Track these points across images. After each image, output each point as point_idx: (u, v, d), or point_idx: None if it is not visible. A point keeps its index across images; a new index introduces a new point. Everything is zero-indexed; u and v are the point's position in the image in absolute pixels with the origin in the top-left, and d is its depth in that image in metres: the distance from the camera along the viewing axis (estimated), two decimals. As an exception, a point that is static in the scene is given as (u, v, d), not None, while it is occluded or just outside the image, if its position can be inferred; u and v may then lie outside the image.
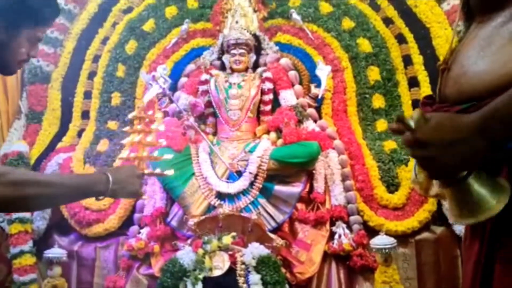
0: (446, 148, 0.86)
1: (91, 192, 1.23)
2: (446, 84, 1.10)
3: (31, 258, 3.27)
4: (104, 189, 1.22)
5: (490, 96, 0.91)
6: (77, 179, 1.24)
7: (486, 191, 0.87)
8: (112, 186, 1.22)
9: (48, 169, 3.49)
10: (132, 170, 1.32)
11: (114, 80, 3.89)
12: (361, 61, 3.62)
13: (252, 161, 3.17)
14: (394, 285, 2.31)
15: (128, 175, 1.28)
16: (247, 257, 2.63)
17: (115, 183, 1.23)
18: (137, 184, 1.30)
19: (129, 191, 1.29)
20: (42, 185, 1.10)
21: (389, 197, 3.13)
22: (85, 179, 1.24)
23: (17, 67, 1.25)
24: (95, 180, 1.23)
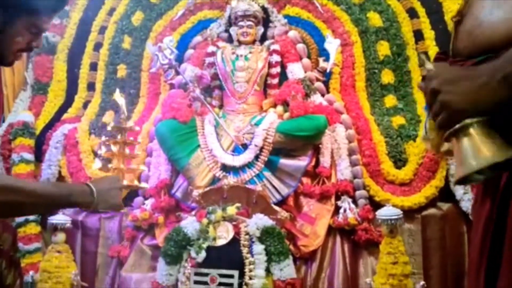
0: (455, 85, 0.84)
1: (73, 203, 1.19)
2: (460, 38, 1.05)
3: (35, 227, 3.29)
4: (88, 200, 1.17)
5: (506, 47, 0.87)
6: (59, 189, 1.17)
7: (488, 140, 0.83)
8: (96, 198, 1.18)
9: (54, 139, 3.49)
10: (114, 182, 1.26)
11: (120, 52, 3.86)
12: (371, 36, 3.55)
13: (258, 134, 3.14)
14: (399, 256, 2.29)
15: (110, 187, 1.23)
16: (251, 228, 2.62)
17: (99, 195, 1.18)
18: (117, 197, 1.25)
19: (111, 204, 1.24)
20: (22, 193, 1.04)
21: (396, 173, 3.09)
22: (68, 189, 1.18)
23: (14, 57, 1.16)
24: (78, 190, 1.18)
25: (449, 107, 0.84)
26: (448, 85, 0.85)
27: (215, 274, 2.50)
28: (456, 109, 0.84)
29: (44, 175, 3.41)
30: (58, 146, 3.47)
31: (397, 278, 2.25)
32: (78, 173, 3.38)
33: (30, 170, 3.42)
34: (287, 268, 2.55)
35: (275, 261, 2.55)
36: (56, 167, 3.44)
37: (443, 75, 0.89)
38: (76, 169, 3.39)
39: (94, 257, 3.27)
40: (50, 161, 3.43)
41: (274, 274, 2.55)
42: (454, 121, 0.85)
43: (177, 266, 2.62)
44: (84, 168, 3.39)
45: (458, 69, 0.94)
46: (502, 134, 0.87)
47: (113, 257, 3.19)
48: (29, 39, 1.15)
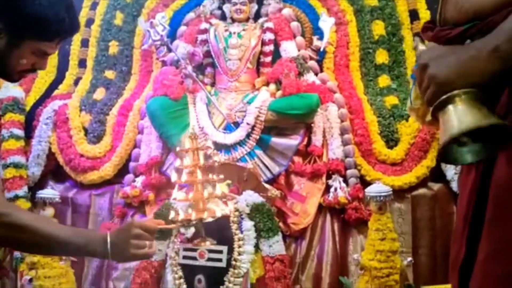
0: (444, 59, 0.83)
1: (85, 252, 1.18)
2: (447, 6, 1.04)
3: (25, 203, 3.27)
4: (100, 250, 1.14)
5: (493, 13, 0.86)
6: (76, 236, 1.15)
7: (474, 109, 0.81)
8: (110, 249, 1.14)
9: (44, 115, 3.45)
10: (126, 230, 1.18)
11: (112, 28, 3.80)
12: (366, 15, 3.51)
13: (250, 112, 3.12)
14: (387, 232, 2.29)
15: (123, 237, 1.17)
16: (241, 204, 2.61)
17: (113, 246, 1.14)
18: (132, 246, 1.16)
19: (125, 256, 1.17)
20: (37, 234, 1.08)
21: (388, 152, 3.08)
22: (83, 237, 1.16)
23: (19, 77, 1.17)
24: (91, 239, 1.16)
25: (437, 80, 0.83)
26: (436, 59, 0.85)
27: (204, 249, 2.49)
28: (443, 82, 0.83)
29: (34, 151, 3.38)
30: (48, 122, 3.43)
31: (385, 254, 2.26)
32: (68, 149, 3.35)
33: (20, 146, 3.39)
34: (276, 245, 2.56)
35: (264, 238, 2.55)
36: (46, 143, 3.41)
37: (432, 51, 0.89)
38: (66, 146, 3.36)
39: (84, 234, 3.26)
40: (40, 137, 3.40)
41: (263, 250, 2.56)
42: (441, 94, 0.84)
43: (166, 241, 2.62)
44: (75, 144, 3.36)
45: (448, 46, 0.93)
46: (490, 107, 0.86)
47: (104, 233, 3.18)
48: (33, 61, 1.14)
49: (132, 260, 1.27)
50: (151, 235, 1.20)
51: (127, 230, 1.18)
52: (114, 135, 3.38)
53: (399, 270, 2.28)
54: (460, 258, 1.00)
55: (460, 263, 1.00)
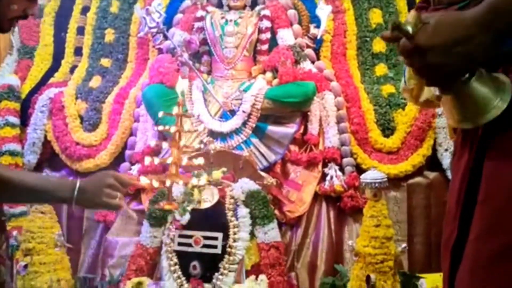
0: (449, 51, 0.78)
1: (55, 197, 1.18)
2: None
3: (21, 191, 3.27)
4: (69, 195, 1.15)
5: None
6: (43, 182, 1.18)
7: (489, 90, 0.80)
8: (77, 194, 1.15)
9: (39, 103, 3.43)
10: (100, 179, 1.20)
11: (107, 16, 3.77)
12: (363, 3, 3.49)
13: (246, 100, 3.11)
14: (382, 219, 2.29)
15: (96, 185, 1.18)
16: (236, 191, 2.61)
17: (81, 191, 1.15)
18: (103, 195, 1.18)
19: (97, 203, 1.19)
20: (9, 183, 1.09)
21: (384, 141, 3.08)
22: (52, 183, 1.19)
23: (10, 24, 1.16)
24: (61, 185, 1.18)
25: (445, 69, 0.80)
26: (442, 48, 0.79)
27: (199, 236, 2.50)
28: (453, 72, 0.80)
29: (30, 139, 3.37)
30: (44, 110, 3.42)
31: (379, 241, 2.26)
32: (64, 137, 3.34)
33: (16, 134, 3.38)
34: (271, 231, 2.56)
35: (259, 224, 2.56)
36: (42, 131, 3.40)
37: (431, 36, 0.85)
38: (62, 133, 3.35)
39: (80, 222, 3.26)
40: (35, 125, 3.38)
41: (258, 237, 2.56)
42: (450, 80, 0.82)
43: (162, 228, 2.62)
44: (70, 132, 3.35)
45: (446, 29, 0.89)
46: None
47: (99, 221, 3.18)
48: (24, 6, 1.13)
49: (101, 207, 1.27)
50: (124, 187, 1.22)
51: (101, 179, 1.20)
52: (110, 123, 3.37)
53: (393, 257, 2.28)
54: (452, 240, 1.00)
55: (452, 245, 1.00)
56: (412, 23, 0.80)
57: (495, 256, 0.86)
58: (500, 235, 0.86)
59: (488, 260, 0.87)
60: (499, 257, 0.86)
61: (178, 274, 2.47)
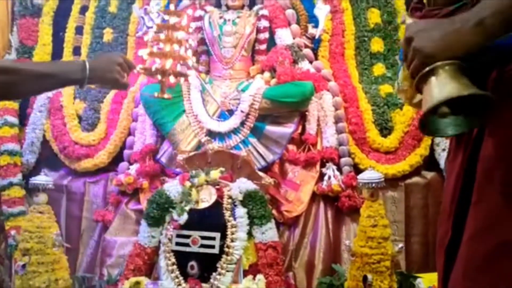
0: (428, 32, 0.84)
1: (67, 80, 1.21)
2: None
3: (20, 191, 3.28)
4: (81, 76, 1.19)
5: None
6: (52, 66, 1.22)
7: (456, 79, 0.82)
8: (89, 73, 1.19)
9: (38, 103, 3.45)
10: (111, 57, 1.27)
11: (106, 16, 3.77)
12: (361, 3, 3.49)
13: (244, 100, 3.11)
14: (378, 219, 2.30)
15: (107, 63, 1.24)
16: (234, 191, 2.61)
17: (92, 70, 1.20)
18: (115, 71, 1.24)
19: (108, 79, 1.25)
20: (8, 72, 1.09)
21: (381, 141, 3.08)
22: (61, 66, 1.23)
23: None
24: (71, 67, 1.22)
25: (421, 52, 0.84)
26: (421, 32, 0.85)
27: (197, 236, 2.50)
28: (427, 54, 0.84)
29: (28, 139, 3.38)
30: (43, 110, 3.43)
31: (376, 241, 2.26)
32: (63, 137, 3.35)
33: (14, 133, 3.38)
34: (269, 231, 2.56)
35: (257, 224, 2.56)
36: (41, 131, 3.41)
37: (417, 25, 0.90)
38: (60, 133, 3.36)
39: (78, 221, 3.28)
40: (34, 125, 3.39)
41: (255, 237, 2.56)
42: (425, 66, 0.85)
43: (160, 228, 2.62)
44: (69, 132, 3.36)
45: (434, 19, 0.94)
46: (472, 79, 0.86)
47: (98, 221, 3.19)
48: None
49: (111, 84, 1.30)
50: (130, 69, 1.31)
51: (111, 57, 1.27)
52: (108, 123, 3.38)
53: (390, 257, 2.29)
54: (447, 240, 1.01)
55: (446, 245, 1.01)
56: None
57: (488, 257, 0.88)
58: (492, 236, 0.88)
59: (481, 260, 0.89)
60: (492, 257, 0.87)
61: (176, 274, 2.48)
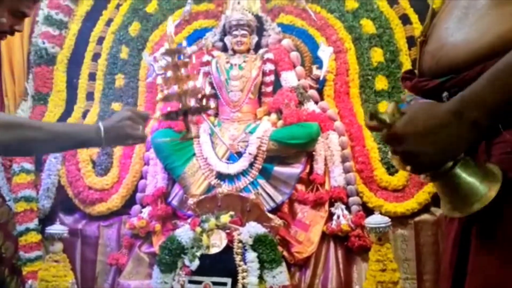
0: (423, 138, 0.82)
1: (82, 141, 1.25)
2: (425, 58, 1.08)
3: (36, 236, 3.36)
4: (96, 137, 1.22)
5: (468, 68, 0.90)
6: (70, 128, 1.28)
7: (476, 180, 0.82)
8: (104, 135, 1.22)
9: (53, 149, 3.55)
10: (120, 114, 1.28)
11: (117, 62, 3.91)
12: (364, 42, 3.58)
13: (252, 142, 3.18)
14: (387, 263, 2.32)
15: (117, 121, 1.26)
16: (244, 236, 2.66)
17: (107, 131, 1.23)
18: (126, 126, 1.25)
19: (123, 136, 1.26)
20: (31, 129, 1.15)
21: (389, 179, 3.12)
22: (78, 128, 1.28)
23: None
24: (87, 129, 1.26)
25: (422, 158, 0.83)
26: (416, 137, 0.83)
27: (209, 281, 2.54)
28: (430, 160, 0.83)
29: (44, 184, 3.48)
30: (58, 156, 3.53)
31: (386, 285, 2.28)
32: (77, 182, 3.45)
33: (31, 180, 3.49)
34: (279, 275, 2.59)
35: (267, 269, 2.59)
36: (56, 177, 3.51)
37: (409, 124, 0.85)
38: (75, 178, 3.46)
39: (93, 265, 3.33)
40: (49, 171, 3.50)
41: (267, 281, 2.59)
42: (429, 169, 0.85)
43: (172, 274, 2.67)
44: (83, 177, 3.46)
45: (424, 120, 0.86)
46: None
47: (112, 264, 3.24)
48: (12, 22, 1.20)
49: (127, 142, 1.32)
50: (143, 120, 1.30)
51: (120, 114, 1.27)
52: (121, 167, 3.47)
53: (400, 301, 2.30)
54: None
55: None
56: (390, 113, 0.84)
57: None
58: None
59: None
60: None
61: (189, 320, 2.51)
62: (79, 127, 1.30)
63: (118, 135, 1.25)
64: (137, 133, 1.28)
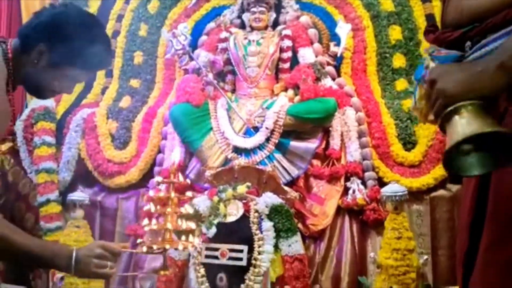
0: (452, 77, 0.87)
1: (53, 265, 1.20)
2: (448, 10, 1.10)
3: (57, 207, 3.43)
4: (65, 264, 1.17)
5: (491, 15, 0.92)
6: (44, 250, 1.18)
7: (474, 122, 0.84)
8: (74, 264, 1.16)
9: (73, 123, 3.62)
10: (90, 249, 1.20)
11: (136, 39, 3.96)
12: (382, 20, 3.57)
13: (269, 117, 3.21)
14: (403, 231, 2.34)
15: (85, 255, 1.18)
16: (261, 206, 2.70)
17: (77, 261, 1.16)
18: (91, 265, 1.18)
19: (86, 273, 1.19)
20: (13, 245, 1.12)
21: (405, 155, 3.12)
22: (52, 249, 1.19)
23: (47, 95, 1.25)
24: (60, 252, 1.18)
25: (445, 93, 0.87)
26: (444, 74, 0.89)
27: (225, 248, 2.59)
28: (451, 95, 0.86)
29: (65, 157, 3.55)
30: (78, 130, 3.60)
31: (401, 253, 2.30)
32: (96, 155, 3.51)
33: (52, 153, 3.56)
34: (295, 244, 2.63)
35: (283, 238, 2.63)
36: (76, 150, 3.58)
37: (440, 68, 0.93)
38: (94, 152, 3.53)
39: (112, 236, 3.40)
40: (70, 144, 3.57)
41: (282, 250, 2.63)
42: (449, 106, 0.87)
43: (189, 241, 2.71)
44: (102, 150, 3.52)
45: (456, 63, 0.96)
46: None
47: (130, 235, 3.31)
48: (64, 85, 1.23)
49: (93, 277, 1.29)
50: (114, 257, 1.23)
51: (91, 250, 1.20)
52: (139, 141, 3.53)
53: (415, 269, 2.31)
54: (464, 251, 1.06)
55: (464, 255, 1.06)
56: None
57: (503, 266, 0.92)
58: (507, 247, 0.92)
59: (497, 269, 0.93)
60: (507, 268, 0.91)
61: (205, 286, 2.56)
62: (53, 248, 1.19)
63: (84, 270, 1.18)
64: (102, 272, 1.20)
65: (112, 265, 1.23)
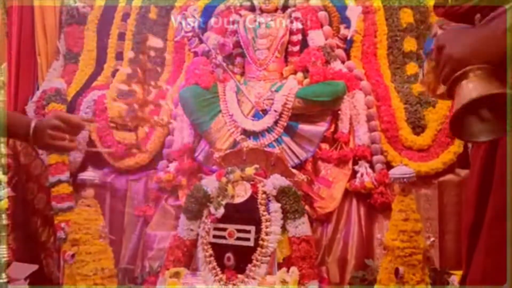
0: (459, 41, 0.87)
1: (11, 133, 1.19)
2: None
3: (68, 187, 3.49)
4: (24, 132, 1.14)
5: None
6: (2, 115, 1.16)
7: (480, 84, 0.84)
8: (32, 133, 1.13)
9: (84, 105, 3.65)
10: (47, 120, 1.15)
11: (146, 22, 3.97)
12: (393, 3, 3.53)
13: (278, 100, 3.21)
14: (410, 213, 2.34)
15: (44, 125, 1.14)
16: (268, 187, 2.71)
17: (35, 130, 1.14)
18: (47, 136, 1.14)
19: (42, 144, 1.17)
20: None
21: (414, 139, 3.11)
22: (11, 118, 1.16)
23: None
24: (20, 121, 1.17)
25: (453, 58, 0.87)
26: (452, 40, 0.89)
27: (233, 229, 2.61)
28: (459, 60, 0.86)
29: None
30: (88, 111, 3.64)
31: (408, 234, 2.31)
32: (107, 137, 3.55)
33: (63, 134, 3.60)
34: (302, 226, 2.64)
35: (290, 219, 2.64)
36: (86, 131, 3.61)
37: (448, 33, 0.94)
38: (104, 133, 3.56)
39: (121, 217, 3.46)
40: (80, 125, 3.60)
41: (289, 231, 2.64)
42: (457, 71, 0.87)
43: (198, 221, 2.75)
44: (112, 132, 3.56)
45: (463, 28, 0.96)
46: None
47: (139, 216, 3.36)
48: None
49: (52, 150, 1.24)
50: (73, 129, 1.17)
51: (47, 120, 1.15)
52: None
53: (422, 250, 2.32)
54: (470, 223, 1.07)
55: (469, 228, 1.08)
56: None
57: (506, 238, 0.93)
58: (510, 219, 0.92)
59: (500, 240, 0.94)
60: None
61: (213, 265, 2.60)
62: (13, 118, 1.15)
63: (41, 141, 1.15)
64: (58, 144, 1.15)
65: (72, 138, 1.18)
